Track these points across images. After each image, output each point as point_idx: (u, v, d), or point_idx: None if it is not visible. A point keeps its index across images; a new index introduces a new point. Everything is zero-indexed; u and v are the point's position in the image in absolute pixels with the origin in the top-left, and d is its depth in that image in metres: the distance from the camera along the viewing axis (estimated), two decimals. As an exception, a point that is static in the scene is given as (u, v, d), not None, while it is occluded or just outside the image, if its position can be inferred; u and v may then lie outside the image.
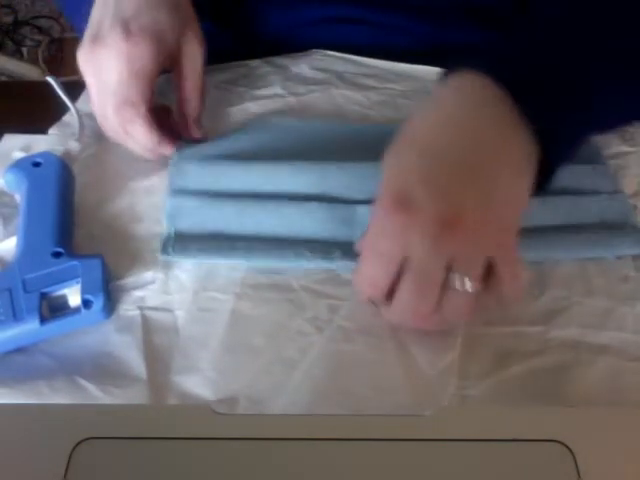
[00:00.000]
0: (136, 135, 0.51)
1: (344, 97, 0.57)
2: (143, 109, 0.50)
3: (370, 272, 0.40)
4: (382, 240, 0.39)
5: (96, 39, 0.48)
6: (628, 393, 0.40)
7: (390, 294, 0.40)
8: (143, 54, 0.48)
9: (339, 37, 0.62)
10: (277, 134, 0.55)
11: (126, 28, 0.47)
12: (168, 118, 0.55)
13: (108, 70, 0.49)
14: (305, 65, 0.60)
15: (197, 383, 0.41)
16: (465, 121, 0.40)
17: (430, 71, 0.59)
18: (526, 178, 0.40)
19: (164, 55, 0.50)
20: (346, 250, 0.46)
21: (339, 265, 0.46)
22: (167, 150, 0.53)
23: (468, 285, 0.38)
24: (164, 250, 0.47)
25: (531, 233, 0.46)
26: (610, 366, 0.41)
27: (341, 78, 0.59)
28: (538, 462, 0.31)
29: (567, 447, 0.31)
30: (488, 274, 0.39)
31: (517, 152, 0.39)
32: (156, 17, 0.48)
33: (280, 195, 0.50)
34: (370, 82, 0.59)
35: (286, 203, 0.49)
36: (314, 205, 0.49)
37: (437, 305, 0.39)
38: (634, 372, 0.41)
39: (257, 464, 0.32)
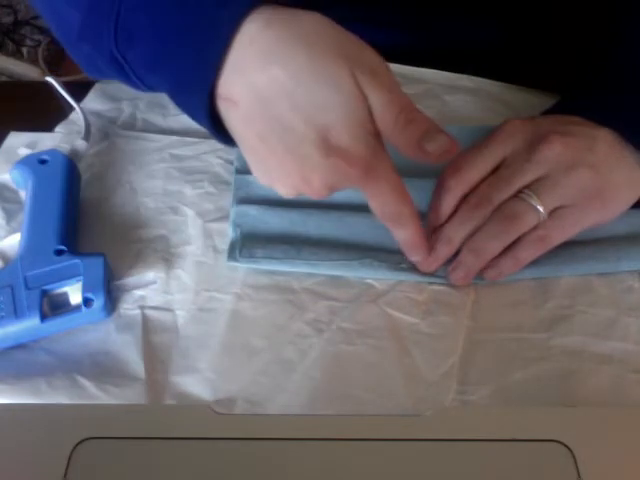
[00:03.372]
0: None
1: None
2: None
3: (464, 164, 0.45)
4: (490, 140, 0.46)
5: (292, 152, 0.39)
6: (630, 404, 0.40)
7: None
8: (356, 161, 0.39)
9: None
10: None
11: (326, 143, 0.38)
12: None
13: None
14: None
15: (195, 383, 0.41)
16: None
17: (437, 74, 0.60)
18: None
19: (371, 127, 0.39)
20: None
21: (407, 277, 0.46)
22: None
23: (540, 206, 0.43)
24: (230, 256, 0.46)
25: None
26: (612, 376, 0.41)
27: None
28: (538, 462, 0.32)
29: (567, 447, 0.32)
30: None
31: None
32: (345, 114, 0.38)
33: (342, 205, 0.49)
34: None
35: (350, 213, 0.48)
36: None
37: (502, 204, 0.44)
38: (637, 383, 0.41)
39: (256, 464, 0.32)
